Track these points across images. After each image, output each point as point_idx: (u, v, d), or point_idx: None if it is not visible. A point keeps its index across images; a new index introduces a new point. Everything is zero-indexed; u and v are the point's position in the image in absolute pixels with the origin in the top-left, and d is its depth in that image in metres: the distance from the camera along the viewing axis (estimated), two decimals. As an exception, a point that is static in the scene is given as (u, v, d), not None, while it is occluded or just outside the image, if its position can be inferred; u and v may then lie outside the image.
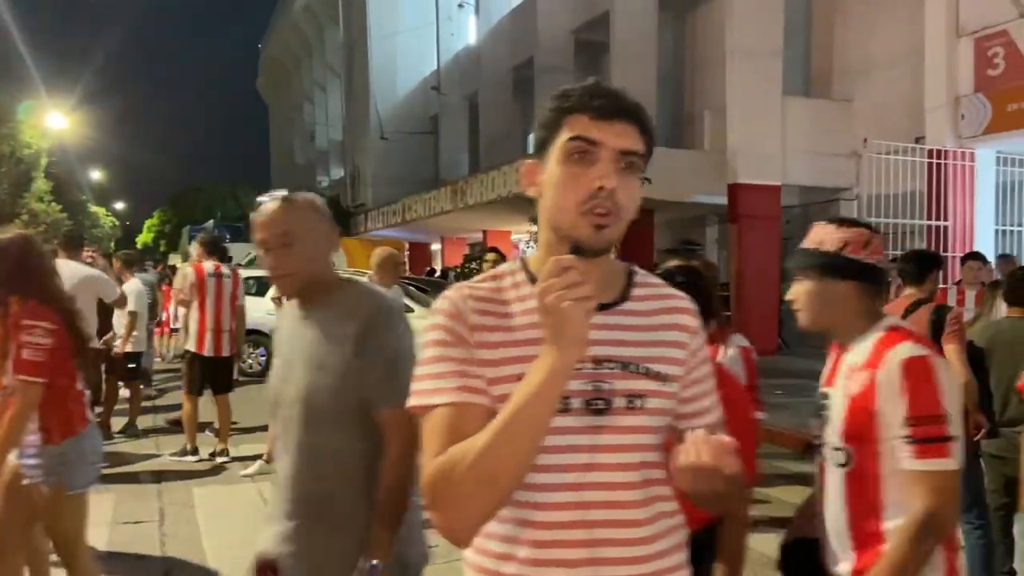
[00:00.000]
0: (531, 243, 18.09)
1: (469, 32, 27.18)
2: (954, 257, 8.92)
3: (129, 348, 7.54)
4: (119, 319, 7.65)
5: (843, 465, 1.89)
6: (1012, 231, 10.96)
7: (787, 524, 2.34)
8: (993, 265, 7.45)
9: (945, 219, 10.29)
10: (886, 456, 1.80)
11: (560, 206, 1.23)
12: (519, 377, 1.17)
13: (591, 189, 1.20)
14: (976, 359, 3.91)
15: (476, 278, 1.35)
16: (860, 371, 1.85)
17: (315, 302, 2.00)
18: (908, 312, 3.98)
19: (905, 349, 1.80)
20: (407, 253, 19.48)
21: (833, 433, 1.92)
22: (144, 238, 49.78)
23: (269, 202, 2.00)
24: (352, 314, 1.91)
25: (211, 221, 31.68)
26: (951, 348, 3.78)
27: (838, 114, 13.68)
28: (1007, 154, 10.49)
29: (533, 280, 1.28)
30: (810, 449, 2.07)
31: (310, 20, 39.47)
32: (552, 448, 1.19)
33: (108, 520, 5.00)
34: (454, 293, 1.30)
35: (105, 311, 7.03)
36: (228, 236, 29.63)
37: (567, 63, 20.27)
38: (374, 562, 1.84)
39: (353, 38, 31.86)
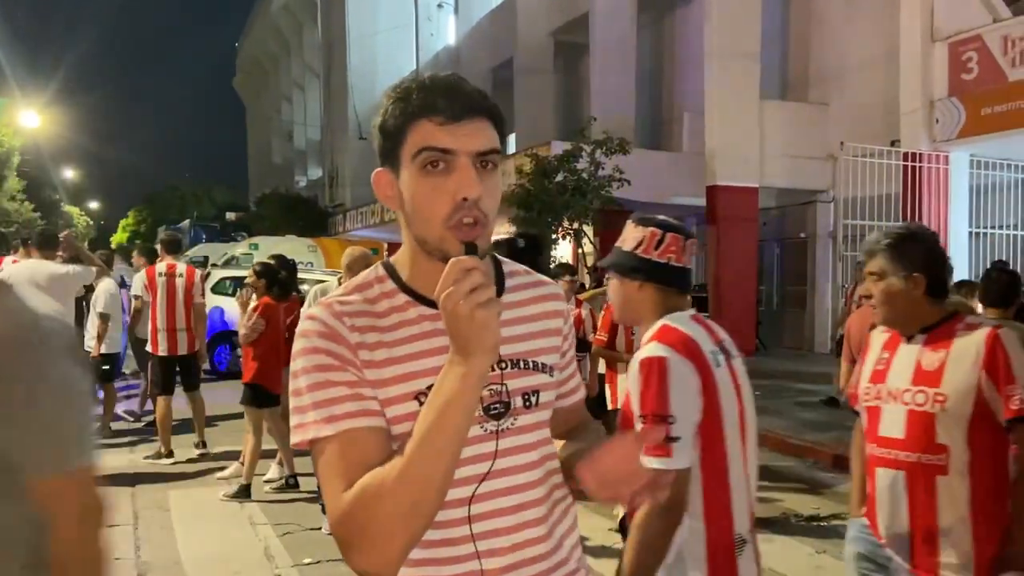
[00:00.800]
0: (510, 244, 18.04)
1: (448, 32, 27.15)
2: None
3: (103, 349, 7.45)
4: (92, 321, 7.55)
5: None
6: (985, 233, 11.11)
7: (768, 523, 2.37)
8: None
9: (920, 221, 10.41)
10: None
11: (424, 220, 1.14)
12: (414, 396, 1.13)
13: (455, 201, 1.11)
14: None
15: (338, 291, 1.24)
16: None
17: None
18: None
19: (648, 349, 1.84)
20: (386, 254, 19.37)
21: None
22: (119, 238, 49.23)
23: None
24: None
25: (187, 221, 31.36)
26: None
27: (815, 117, 13.81)
28: (981, 157, 10.63)
29: (405, 288, 1.21)
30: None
31: (288, 19, 39.24)
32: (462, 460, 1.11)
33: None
34: (323, 311, 1.17)
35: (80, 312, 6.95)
36: (204, 236, 29.47)
37: (546, 64, 20.30)
38: None
39: (331, 37, 31.72)
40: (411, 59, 28.00)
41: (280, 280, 6.08)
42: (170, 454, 6.62)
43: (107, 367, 7.59)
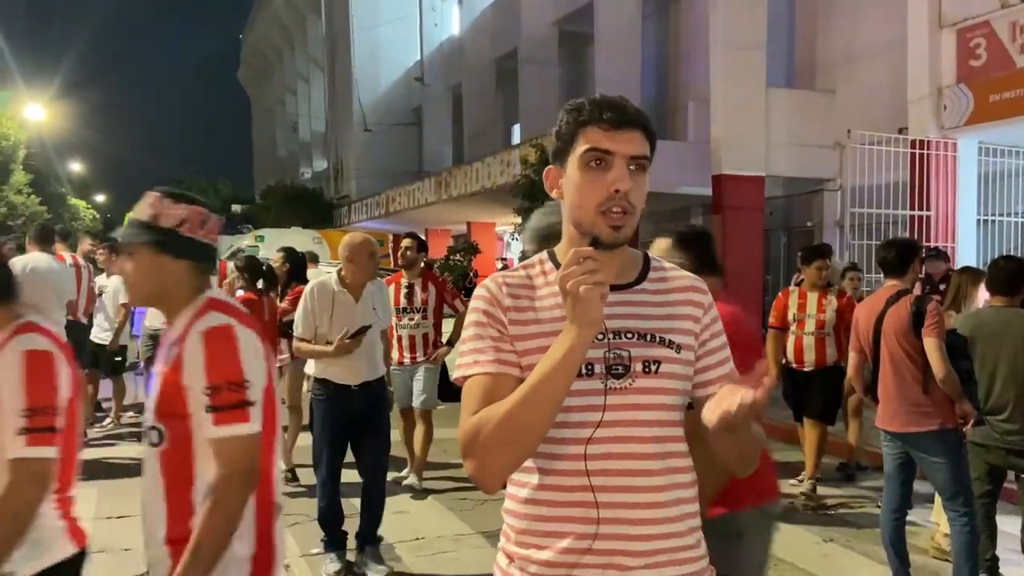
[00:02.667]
0: (516, 235, 18.05)
1: (453, 23, 27.01)
2: (935, 246, 8.96)
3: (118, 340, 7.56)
4: (104, 313, 7.60)
5: (156, 445, 1.85)
6: (995, 221, 11.03)
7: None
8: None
9: (927, 209, 10.34)
10: (197, 429, 1.79)
11: (581, 206, 1.42)
12: (544, 350, 1.34)
13: (608, 192, 1.39)
14: (959, 348, 3.92)
15: (512, 267, 1.58)
16: (173, 346, 1.85)
17: None
18: (890, 303, 3.97)
19: (208, 319, 1.82)
20: (390, 245, 19.37)
21: (149, 412, 1.89)
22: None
23: None
24: None
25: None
26: (931, 342, 3.78)
27: (821, 105, 13.71)
28: (989, 144, 10.53)
29: (559, 268, 1.41)
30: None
31: (292, 11, 39.12)
32: (575, 408, 1.38)
33: (91, 516, 4.93)
34: (491, 281, 1.51)
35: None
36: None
37: (550, 54, 20.20)
38: None
39: (336, 29, 31.62)
40: (415, 50, 27.90)
41: (264, 275, 6.07)
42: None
43: (119, 359, 7.66)
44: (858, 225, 10.45)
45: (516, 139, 21.46)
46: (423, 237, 6.36)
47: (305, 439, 5.76)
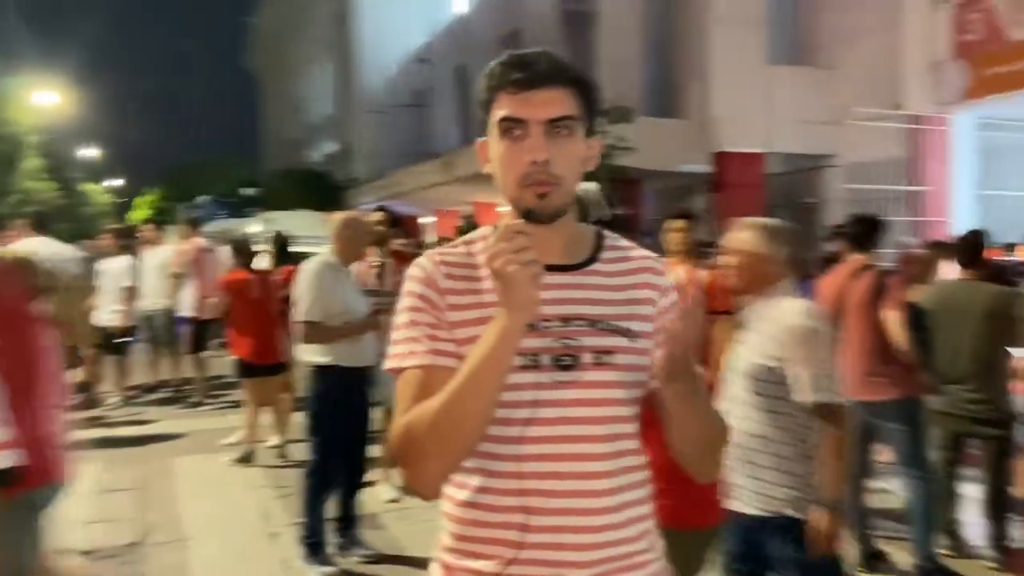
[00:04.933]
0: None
1: (459, 2, 26.93)
2: (930, 221, 9.01)
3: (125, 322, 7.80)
4: (111, 294, 7.84)
5: None
6: (994, 196, 11.02)
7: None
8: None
9: (924, 184, 10.37)
10: None
11: (504, 182, 1.28)
12: None
13: (525, 163, 1.25)
14: (919, 321, 4.02)
15: (449, 244, 1.39)
16: None
17: None
18: (854, 276, 4.07)
19: None
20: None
21: None
22: (138, 215, 49.68)
23: None
24: None
25: (204, 197, 31.63)
26: (892, 314, 3.88)
27: (822, 81, 13.66)
28: (986, 119, 10.52)
29: None
30: None
31: (299, -7, 39.06)
32: (520, 403, 1.24)
33: (89, 488, 5.14)
34: (427, 260, 1.34)
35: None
36: (224, 212, 29.64)
37: (554, 34, 20.15)
38: None
39: (343, 11, 31.59)
40: (423, 30, 27.83)
41: (250, 253, 6.20)
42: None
43: (127, 339, 7.92)
44: (855, 201, 10.48)
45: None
46: (433, 218, 6.00)
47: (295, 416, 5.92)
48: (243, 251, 6.15)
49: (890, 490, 4.57)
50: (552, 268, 1.26)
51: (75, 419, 3.19)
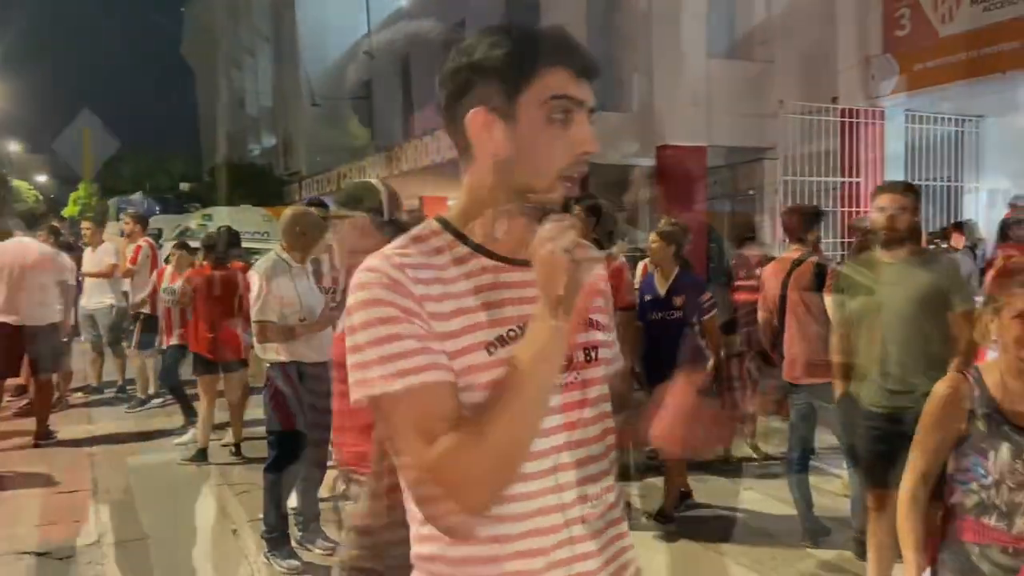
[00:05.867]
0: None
1: (399, -7, 26.75)
2: (864, 212, 9.35)
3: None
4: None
5: None
6: (923, 186, 11.48)
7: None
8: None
9: (857, 176, 10.75)
10: None
11: (535, 167, 1.13)
12: (484, 346, 1.11)
13: (575, 153, 1.13)
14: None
15: (393, 244, 1.18)
16: None
17: None
18: (795, 265, 4.27)
19: None
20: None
21: None
22: (70, 211, 48.12)
23: None
24: None
25: (138, 193, 30.82)
26: (830, 299, 4.08)
27: (761, 75, 14.02)
28: (915, 112, 10.95)
29: (464, 240, 1.18)
30: None
31: (235, -18, 38.28)
32: None
33: (42, 491, 5.06)
34: (382, 263, 1.12)
35: None
36: (159, 208, 28.93)
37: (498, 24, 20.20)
38: None
39: (282, 0, 31.11)
40: (363, 21, 27.57)
41: (224, 249, 6.17)
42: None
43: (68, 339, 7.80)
44: (792, 193, 10.82)
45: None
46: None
47: (251, 413, 5.92)
48: (213, 247, 6.11)
49: (833, 471, 4.80)
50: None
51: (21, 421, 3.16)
